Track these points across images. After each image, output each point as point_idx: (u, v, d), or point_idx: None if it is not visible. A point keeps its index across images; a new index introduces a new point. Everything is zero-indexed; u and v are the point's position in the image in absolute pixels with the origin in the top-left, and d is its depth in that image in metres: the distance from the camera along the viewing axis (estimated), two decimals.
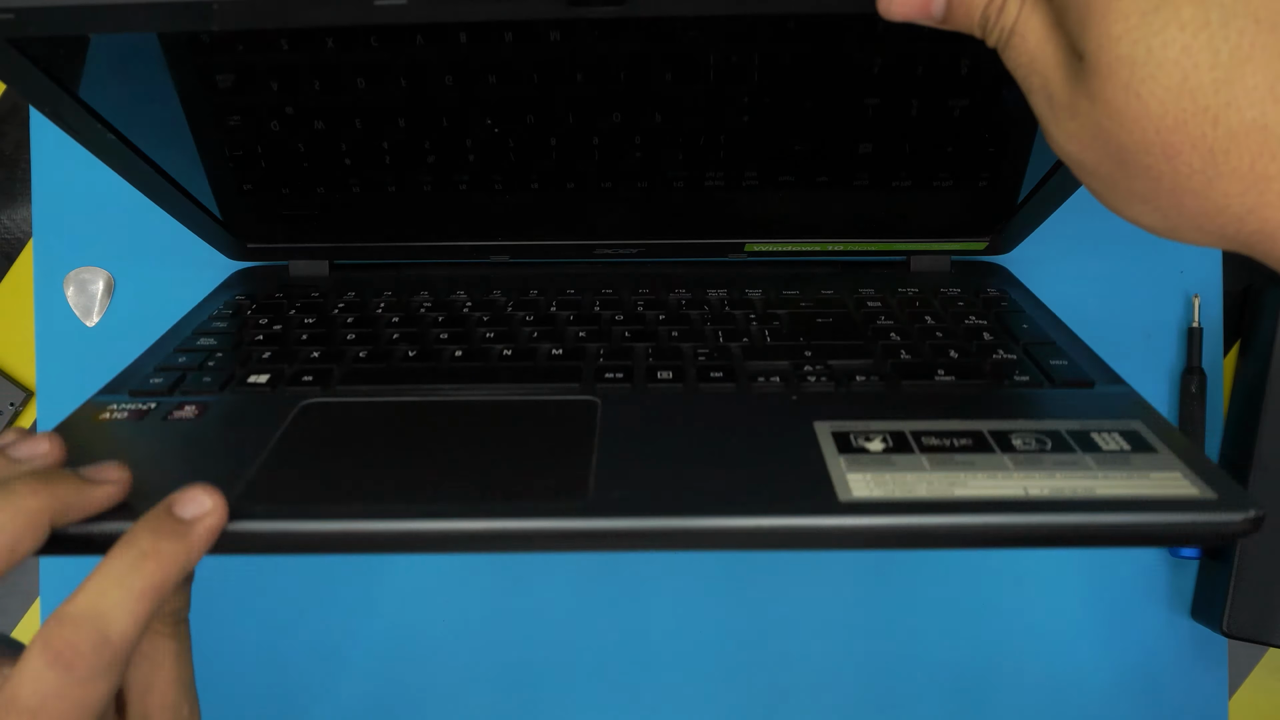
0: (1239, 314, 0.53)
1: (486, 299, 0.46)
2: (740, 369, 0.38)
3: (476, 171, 0.44)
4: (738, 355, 0.39)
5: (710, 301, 0.45)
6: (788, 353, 0.39)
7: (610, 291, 0.46)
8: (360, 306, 0.45)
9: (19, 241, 0.53)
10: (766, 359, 0.39)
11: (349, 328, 0.43)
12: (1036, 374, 0.37)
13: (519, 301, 0.45)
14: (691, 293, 0.46)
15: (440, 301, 0.46)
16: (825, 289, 0.46)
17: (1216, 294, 0.52)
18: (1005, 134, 0.43)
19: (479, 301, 0.45)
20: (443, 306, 0.45)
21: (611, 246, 0.48)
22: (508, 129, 0.42)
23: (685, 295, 0.46)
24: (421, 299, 0.46)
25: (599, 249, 0.49)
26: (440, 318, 0.43)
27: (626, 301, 0.45)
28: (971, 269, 0.50)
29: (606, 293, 0.46)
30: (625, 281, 0.48)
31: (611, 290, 0.46)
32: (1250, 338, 0.52)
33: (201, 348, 0.42)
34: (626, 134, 0.43)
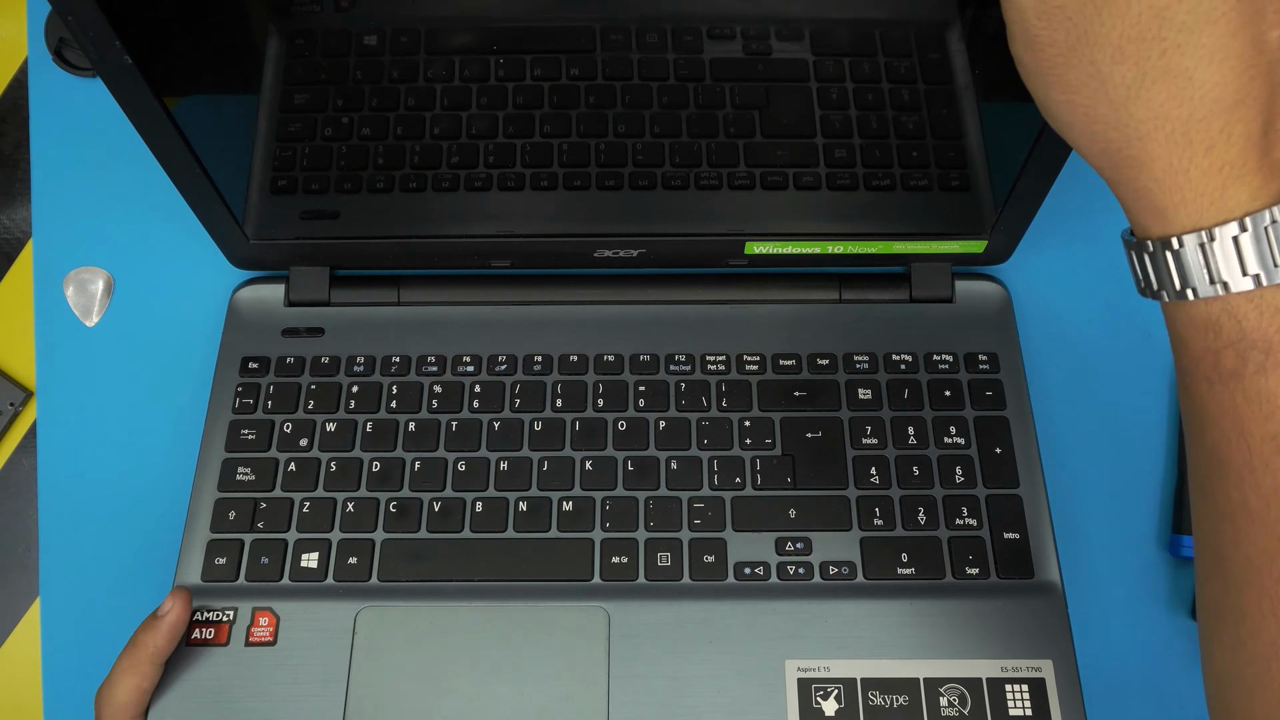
0: None
1: (501, 421, 0.47)
2: (725, 559, 0.44)
3: (483, 172, 0.45)
4: (727, 525, 0.45)
5: (709, 391, 0.47)
6: (772, 520, 0.44)
7: (603, 402, 0.48)
8: (373, 396, 0.48)
9: (19, 241, 0.53)
10: (753, 529, 0.44)
11: (370, 447, 0.46)
12: (985, 565, 0.44)
13: (532, 433, 0.47)
14: (689, 363, 0.48)
15: (449, 390, 0.48)
16: (821, 355, 0.48)
17: None
18: (989, 135, 0.44)
19: (493, 429, 0.47)
20: (452, 403, 0.48)
21: (612, 247, 0.48)
22: (517, 131, 0.44)
23: (684, 369, 0.48)
24: (431, 388, 0.48)
25: (599, 251, 0.48)
26: (458, 460, 0.46)
27: (630, 433, 0.47)
28: (973, 299, 0.49)
29: (601, 409, 0.48)
30: (622, 382, 0.49)
31: (605, 400, 0.48)
32: None
33: (243, 487, 0.46)
34: (628, 133, 0.44)
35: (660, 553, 0.44)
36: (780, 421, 0.46)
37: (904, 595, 0.43)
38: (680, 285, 0.50)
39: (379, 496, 0.45)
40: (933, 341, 0.48)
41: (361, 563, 0.44)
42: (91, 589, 0.51)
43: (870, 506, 0.45)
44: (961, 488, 0.45)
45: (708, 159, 0.45)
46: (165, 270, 0.53)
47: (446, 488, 0.45)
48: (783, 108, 0.42)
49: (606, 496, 0.45)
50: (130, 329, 0.52)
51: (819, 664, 0.42)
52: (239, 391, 0.47)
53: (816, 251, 0.48)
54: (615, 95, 0.43)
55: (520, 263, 0.50)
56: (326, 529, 0.45)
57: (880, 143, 0.44)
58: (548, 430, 0.46)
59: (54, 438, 0.51)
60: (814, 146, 0.44)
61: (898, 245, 0.48)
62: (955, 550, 0.44)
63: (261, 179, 0.46)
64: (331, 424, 0.47)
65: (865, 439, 0.46)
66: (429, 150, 0.45)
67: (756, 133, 0.45)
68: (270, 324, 0.49)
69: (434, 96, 0.43)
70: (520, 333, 0.49)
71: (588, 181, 0.46)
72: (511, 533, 0.44)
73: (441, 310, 0.50)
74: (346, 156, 0.45)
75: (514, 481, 0.45)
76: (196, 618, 0.43)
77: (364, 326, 0.49)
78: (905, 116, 0.43)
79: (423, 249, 0.49)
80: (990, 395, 0.47)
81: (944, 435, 0.46)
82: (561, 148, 0.45)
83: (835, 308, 0.49)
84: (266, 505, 0.45)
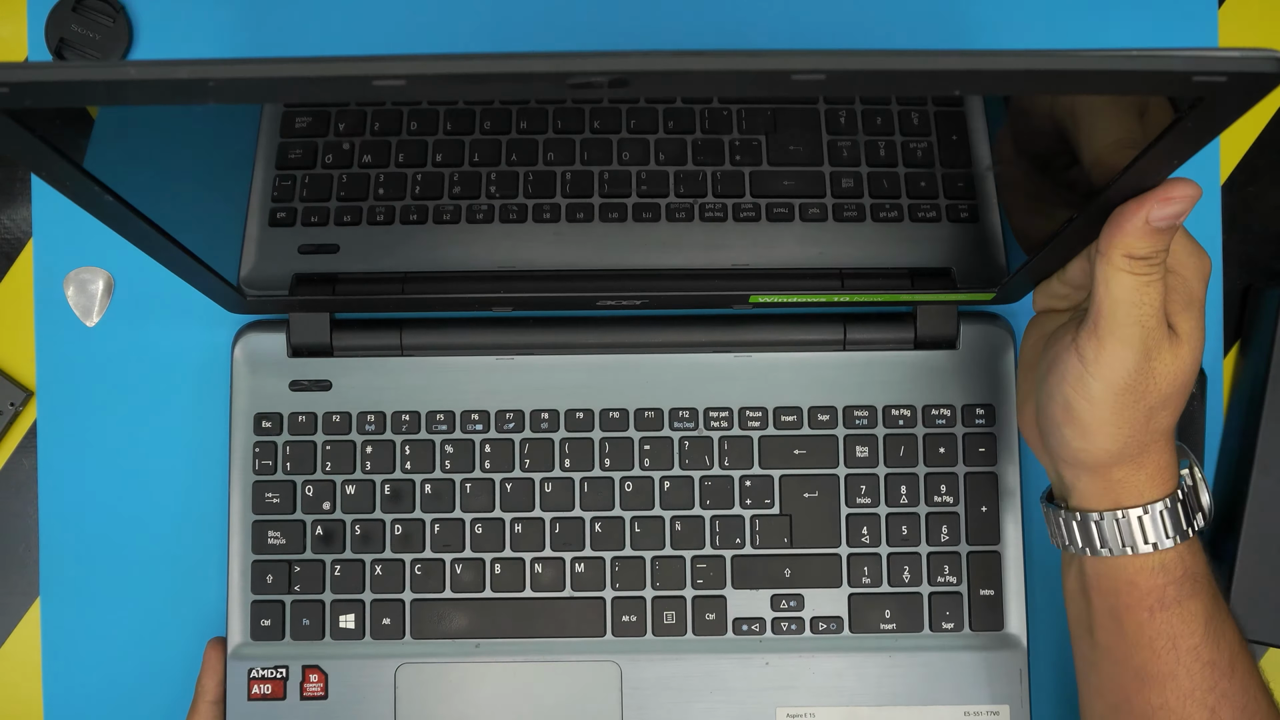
0: (1239, 314, 0.53)
1: (513, 482, 0.49)
2: (725, 615, 0.48)
3: (483, 215, 0.45)
4: (727, 583, 0.48)
5: (712, 449, 0.49)
6: (768, 579, 0.48)
7: (609, 462, 0.49)
8: (387, 456, 0.49)
9: (19, 241, 0.53)
10: (751, 586, 0.48)
11: (390, 509, 0.49)
12: (960, 620, 0.48)
13: (543, 494, 0.49)
14: (692, 419, 0.49)
15: (460, 450, 0.49)
16: (823, 410, 0.49)
17: (1216, 294, 0.52)
18: (1015, 197, 0.44)
19: (506, 490, 0.49)
20: (464, 463, 0.49)
21: (616, 296, 0.47)
22: (517, 176, 0.45)
23: (688, 426, 0.49)
24: (443, 447, 0.49)
25: (603, 301, 0.47)
26: (475, 522, 0.49)
27: (638, 494, 0.49)
28: (977, 345, 0.49)
29: (609, 470, 0.49)
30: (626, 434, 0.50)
31: (611, 460, 0.49)
32: (1250, 338, 0.52)
33: (275, 550, 0.49)
34: (632, 160, 0.45)
35: (666, 610, 0.48)
36: (780, 480, 0.49)
37: (884, 649, 0.47)
38: (685, 327, 0.50)
39: (404, 558, 0.48)
40: (933, 391, 0.49)
41: (395, 623, 0.48)
42: (91, 589, 0.51)
43: (860, 565, 0.48)
44: (946, 545, 0.48)
45: (713, 189, 0.45)
46: (165, 270, 0.53)
47: (466, 549, 0.48)
48: (791, 135, 0.43)
49: (615, 557, 0.48)
50: (130, 329, 0.52)
51: (806, 710, 0.47)
52: (256, 452, 0.49)
53: (822, 301, 0.47)
54: (620, 119, 0.43)
55: (523, 305, 0.49)
56: (358, 590, 0.48)
57: (889, 172, 0.44)
58: (558, 491, 0.49)
59: (54, 438, 0.51)
60: (815, 195, 0.44)
61: (905, 297, 0.47)
62: (935, 606, 0.48)
63: (261, 218, 0.46)
64: (351, 486, 0.49)
65: (860, 498, 0.48)
66: (430, 179, 0.44)
67: (763, 160, 0.45)
68: (277, 374, 0.49)
69: (437, 121, 0.44)
70: (526, 384, 0.49)
71: (590, 214, 0.45)
72: (529, 593, 0.48)
73: (445, 360, 0.50)
74: (346, 185, 0.45)
75: (528, 543, 0.48)
76: (254, 674, 0.48)
77: (370, 379, 0.49)
78: (919, 175, 0.43)
79: (423, 290, 0.47)
80: (983, 451, 0.49)
81: (934, 494, 0.48)
82: (565, 175, 0.45)
83: (839, 356, 0.49)
84: (300, 569, 0.48)
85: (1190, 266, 0.36)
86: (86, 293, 0.52)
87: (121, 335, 0.52)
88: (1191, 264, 0.36)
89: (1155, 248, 0.34)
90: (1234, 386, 0.52)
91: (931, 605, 0.48)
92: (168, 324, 0.52)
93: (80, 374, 0.52)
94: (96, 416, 0.52)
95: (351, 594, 0.48)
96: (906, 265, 0.46)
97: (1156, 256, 0.34)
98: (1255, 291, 0.52)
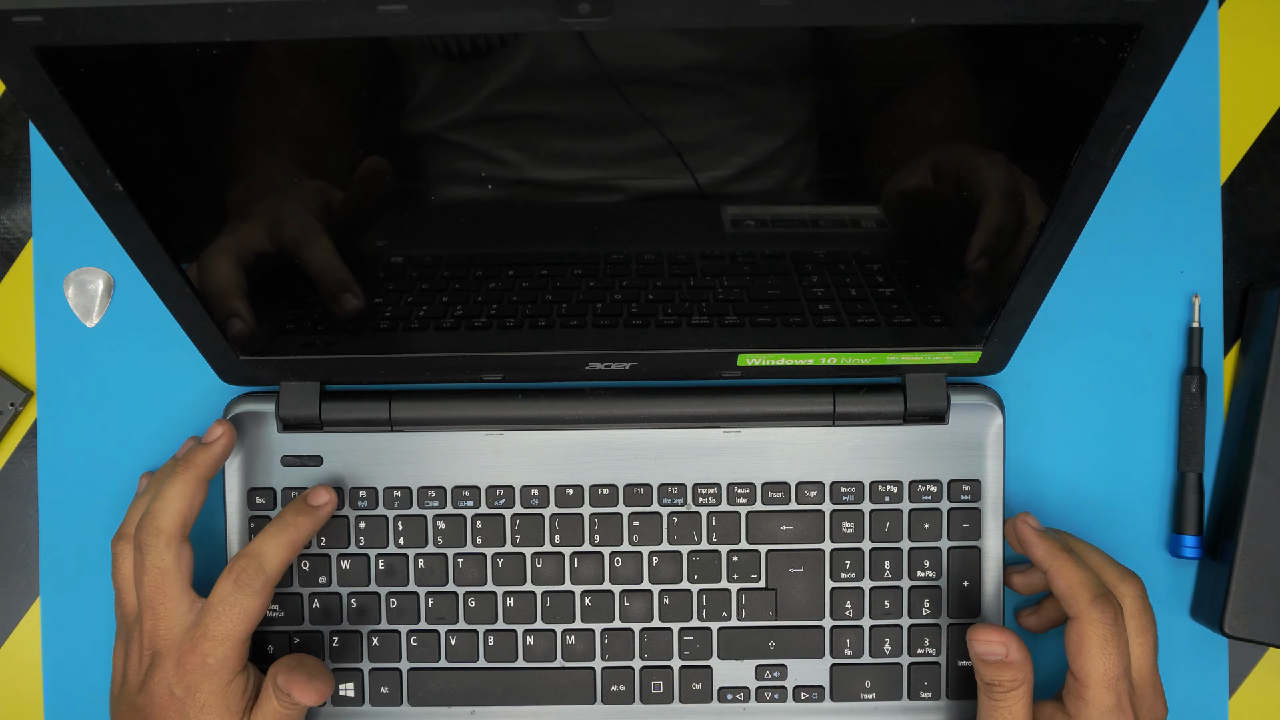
0: (1239, 314, 0.53)
1: (504, 557, 0.50)
2: (710, 685, 0.49)
3: (473, 302, 0.45)
4: (713, 654, 0.49)
5: (700, 525, 0.50)
6: (753, 650, 0.49)
7: (599, 538, 0.50)
8: (380, 531, 0.50)
9: (19, 241, 0.53)
10: (736, 657, 0.49)
11: (384, 583, 0.50)
12: (938, 689, 0.49)
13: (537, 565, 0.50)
14: (681, 495, 0.49)
15: (452, 525, 0.50)
16: (810, 485, 0.49)
17: (1216, 294, 0.52)
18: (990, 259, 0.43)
19: (498, 565, 0.50)
20: (456, 538, 0.50)
21: (605, 361, 0.48)
22: (513, 270, 0.45)
23: (676, 502, 0.49)
24: (435, 523, 0.50)
25: (591, 365, 0.48)
26: (469, 595, 0.50)
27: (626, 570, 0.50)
28: (965, 419, 0.49)
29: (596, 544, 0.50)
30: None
31: (600, 536, 0.50)
32: (1250, 338, 0.52)
33: (276, 622, 0.50)
34: (619, 273, 0.45)
35: (654, 680, 0.49)
36: (766, 554, 0.49)
37: (864, 715, 0.49)
38: (673, 399, 0.50)
39: (399, 629, 0.50)
40: (920, 465, 0.49)
41: (393, 691, 0.50)
42: (91, 589, 0.51)
43: (842, 636, 0.49)
44: (927, 617, 0.49)
45: (698, 309, 0.46)
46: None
47: (460, 621, 0.50)
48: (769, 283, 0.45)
49: (605, 629, 0.49)
50: (130, 329, 0.52)
51: None
52: (251, 527, 0.50)
53: (810, 363, 0.48)
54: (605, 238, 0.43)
55: (512, 376, 0.49)
56: (357, 660, 0.50)
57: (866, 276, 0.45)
58: (548, 566, 0.50)
59: (54, 438, 0.51)
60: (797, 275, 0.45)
61: (891, 356, 0.48)
62: (913, 676, 0.49)
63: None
64: (345, 561, 0.50)
65: (844, 572, 0.49)
66: (423, 294, 0.45)
67: (745, 298, 0.45)
68: (268, 447, 0.50)
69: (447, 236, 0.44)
70: (516, 459, 0.50)
71: (584, 320, 0.46)
72: (522, 663, 0.50)
73: (434, 435, 0.50)
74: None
75: (520, 615, 0.50)
76: None
77: (360, 453, 0.50)
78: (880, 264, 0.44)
79: (413, 364, 0.48)
80: (967, 527, 0.49)
81: (918, 568, 0.49)
82: (559, 307, 0.46)
83: (828, 431, 0.50)
84: (300, 640, 0.50)
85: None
86: (86, 293, 0.52)
87: (121, 335, 0.52)
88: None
89: (996, 677, 0.43)
90: (1234, 386, 0.52)
91: (910, 675, 0.49)
92: (168, 324, 0.52)
93: (80, 374, 0.52)
94: (96, 416, 0.52)
95: (350, 663, 0.50)
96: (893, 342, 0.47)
97: (1002, 685, 0.43)
98: (1255, 291, 0.52)
